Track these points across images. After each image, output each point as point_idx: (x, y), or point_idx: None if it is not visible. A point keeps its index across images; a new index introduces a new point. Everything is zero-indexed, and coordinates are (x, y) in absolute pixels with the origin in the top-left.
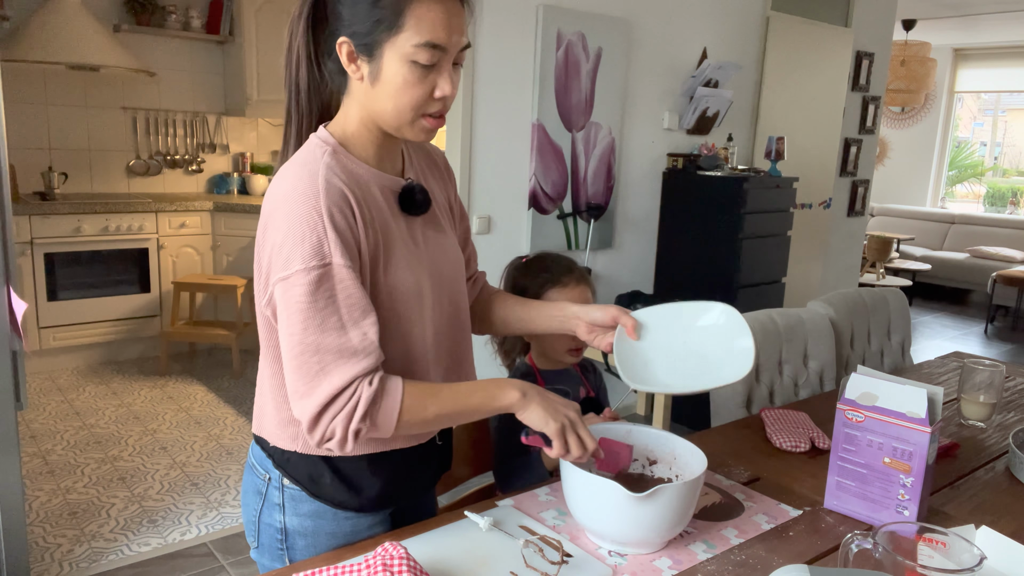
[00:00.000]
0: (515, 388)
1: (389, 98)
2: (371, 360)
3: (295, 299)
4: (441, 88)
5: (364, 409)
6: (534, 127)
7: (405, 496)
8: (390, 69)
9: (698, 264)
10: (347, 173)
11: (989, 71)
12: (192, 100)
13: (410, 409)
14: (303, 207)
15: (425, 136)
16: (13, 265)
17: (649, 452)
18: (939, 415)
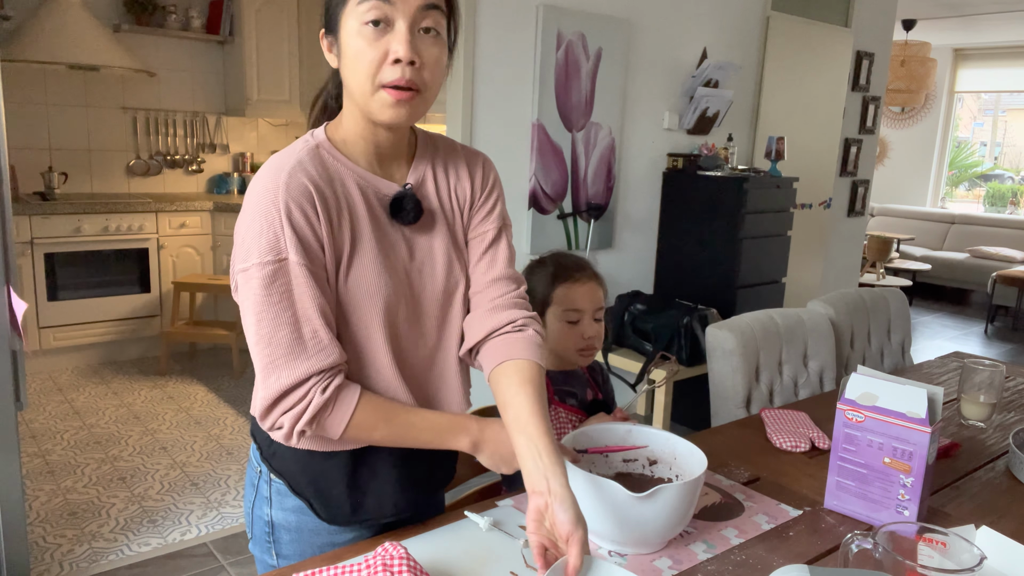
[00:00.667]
0: (468, 436)
1: (351, 72)
2: (321, 360)
3: (252, 292)
4: (393, 50)
5: (311, 415)
6: (534, 127)
7: (381, 512)
8: (346, 39)
9: (698, 264)
10: (324, 170)
11: (989, 71)
12: (192, 100)
13: (358, 426)
14: (263, 201)
15: (390, 115)
16: (13, 265)
17: (649, 452)
18: (939, 415)
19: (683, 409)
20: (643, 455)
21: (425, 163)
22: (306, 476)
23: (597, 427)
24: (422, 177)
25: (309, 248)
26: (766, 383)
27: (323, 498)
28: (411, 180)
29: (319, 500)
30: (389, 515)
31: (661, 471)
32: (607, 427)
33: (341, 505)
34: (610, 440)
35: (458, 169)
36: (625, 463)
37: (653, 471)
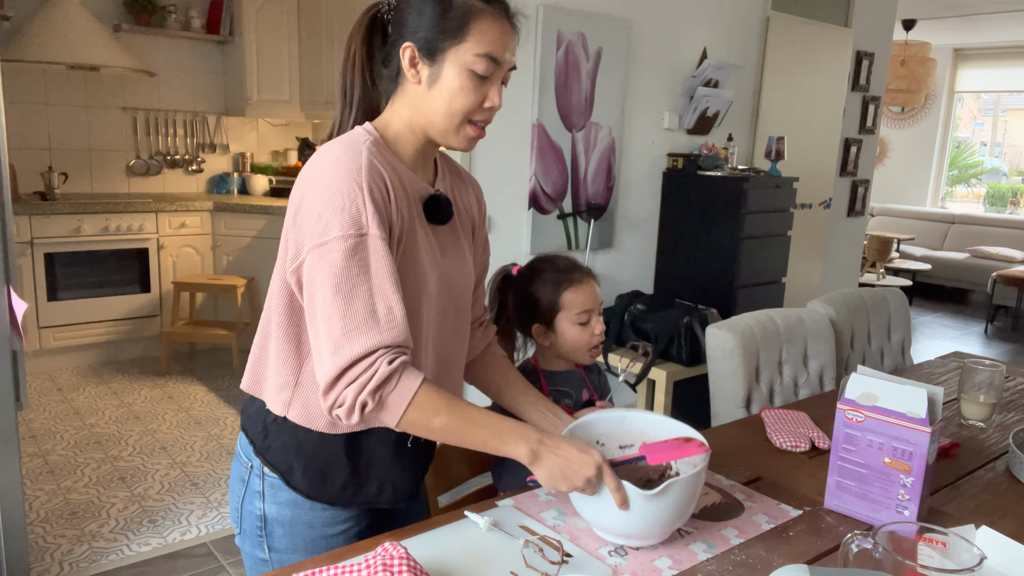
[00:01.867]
0: (527, 445)
1: (444, 101)
2: (393, 335)
3: (330, 264)
4: (491, 99)
5: (377, 383)
6: (534, 127)
7: (381, 498)
8: (449, 74)
9: (698, 264)
10: (386, 162)
11: (989, 71)
12: (192, 100)
13: (420, 406)
14: (345, 179)
15: (467, 144)
16: (13, 265)
17: (646, 437)
18: (939, 415)
19: (683, 409)
20: (639, 440)
21: (447, 178)
22: (305, 459)
23: (593, 416)
24: (446, 187)
25: (386, 225)
26: (766, 383)
27: (324, 479)
28: (440, 186)
29: (319, 481)
30: (387, 499)
31: None
32: (602, 416)
33: (345, 487)
34: (605, 428)
35: (464, 186)
36: (621, 449)
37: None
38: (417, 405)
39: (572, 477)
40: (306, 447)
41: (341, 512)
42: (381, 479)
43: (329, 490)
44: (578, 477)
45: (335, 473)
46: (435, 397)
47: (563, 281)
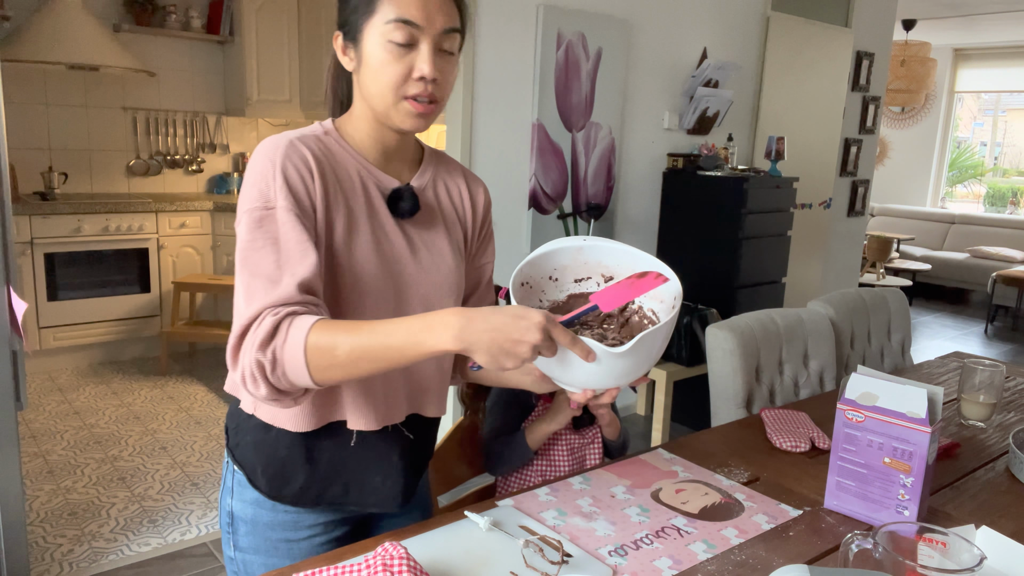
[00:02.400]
0: (450, 330)
1: (372, 81)
2: (280, 294)
3: (240, 238)
4: (419, 68)
5: (262, 339)
6: (534, 127)
7: (349, 499)
8: (370, 50)
9: (698, 264)
10: (327, 151)
11: (989, 71)
12: (192, 100)
13: (317, 346)
14: (262, 160)
15: (412, 123)
16: (13, 265)
17: (604, 269)
18: (939, 415)
19: (683, 409)
20: (596, 272)
21: (430, 171)
22: (265, 458)
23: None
24: (425, 184)
25: (300, 201)
26: (766, 383)
27: (285, 479)
28: (415, 183)
29: (280, 481)
30: (356, 501)
31: None
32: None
33: (306, 488)
34: (560, 261)
35: (459, 184)
36: (577, 283)
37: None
38: (314, 347)
39: (515, 349)
40: (268, 445)
41: (305, 516)
42: (346, 480)
43: (290, 490)
44: (521, 347)
45: (295, 473)
46: (330, 328)
47: None
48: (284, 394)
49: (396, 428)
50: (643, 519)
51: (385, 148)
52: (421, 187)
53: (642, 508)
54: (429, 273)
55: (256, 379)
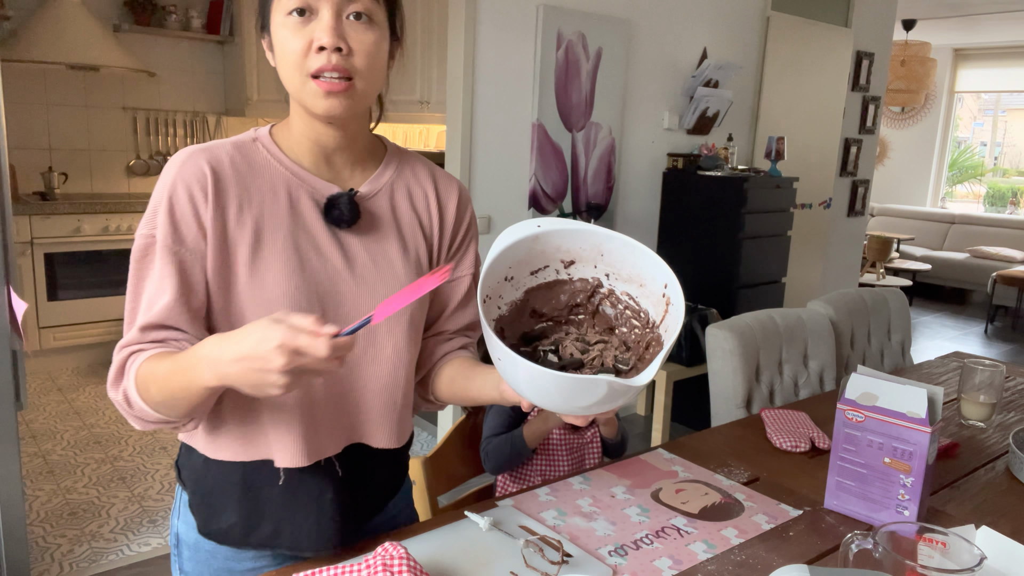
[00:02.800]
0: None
1: (281, 65)
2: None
3: (131, 257)
4: (317, 37)
5: (112, 377)
6: (534, 127)
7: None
8: (275, 34)
9: (698, 264)
10: (245, 162)
11: (989, 71)
12: (192, 100)
13: (142, 387)
14: (161, 178)
15: (324, 105)
16: (13, 265)
17: (564, 252)
18: (939, 415)
19: (683, 409)
20: (555, 259)
21: (389, 173)
22: (194, 484)
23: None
24: (379, 189)
25: (180, 231)
26: (766, 383)
27: (212, 512)
28: (363, 189)
29: (208, 514)
30: (288, 544)
31: (582, 271)
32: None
33: (233, 526)
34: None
35: (425, 187)
36: (533, 275)
37: (571, 273)
38: (140, 385)
39: (263, 380)
40: (197, 472)
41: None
42: (276, 521)
43: (216, 526)
44: (269, 377)
45: (222, 508)
46: (148, 371)
47: None
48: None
49: (329, 462)
50: (643, 519)
51: (323, 149)
52: (372, 192)
53: (642, 508)
54: (372, 288)
55: (125, 414)
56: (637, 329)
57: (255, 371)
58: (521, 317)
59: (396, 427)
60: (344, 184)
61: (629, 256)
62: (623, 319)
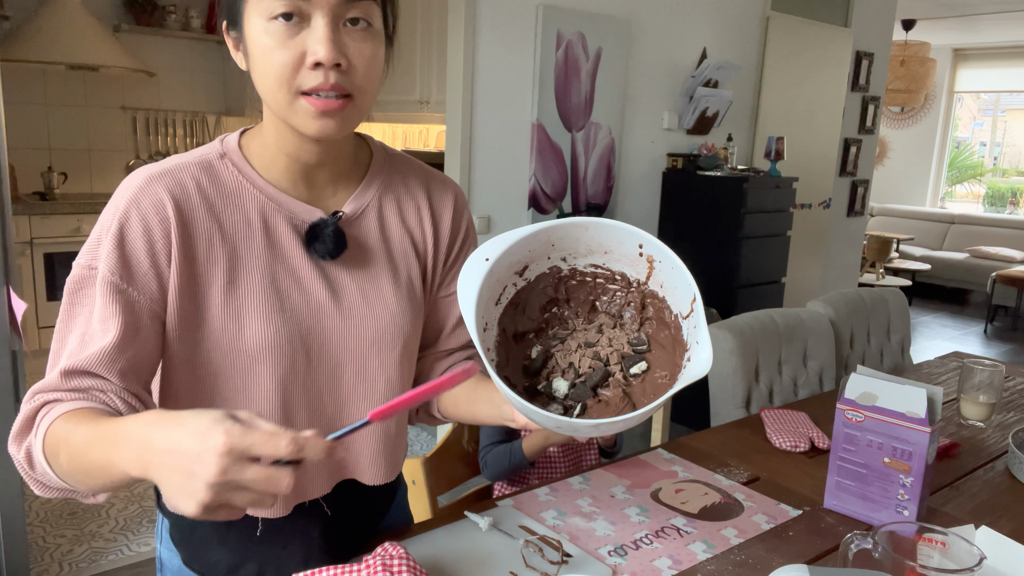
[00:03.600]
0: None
1: (260, 76)
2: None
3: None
4: (313, 51)
5: (16, 429)
6: (534, 127)
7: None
8: (252, 39)
9: (698, 264)
10: (215, 186)
11: (989, 71)
12: (192, 100)
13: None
14: (110, 205)
15: (316, 128)
16: (13, 265)
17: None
18: (939, 415)
19: (683, 409)
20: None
21: (374, 190)
22: (182, 524)
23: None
24: (364, 206)
25: (133, 269)
26: (766, 383)
27: (194, 547)
28: (347, 209)
29: (190, 548)
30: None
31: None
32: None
33: (216, 562)
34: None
35: (417, 199)
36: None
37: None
38: (49, 451)
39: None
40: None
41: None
42: (260, 561)
43: (199, 561)
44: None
45: (204, 543)
46: (63, 430)
47: None
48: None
49: (316, 503)
50: (643, 519)
51: (304, 166)
52: (357, 211)
53: (642, 508)
54: (360, 323)
55: (25, 475)
56: (619, 292)
57: (179, 471)
58: (509, 350)
59: (389, 461)
60: (326, 204)
61: (583, 233)
62: (599, 289)
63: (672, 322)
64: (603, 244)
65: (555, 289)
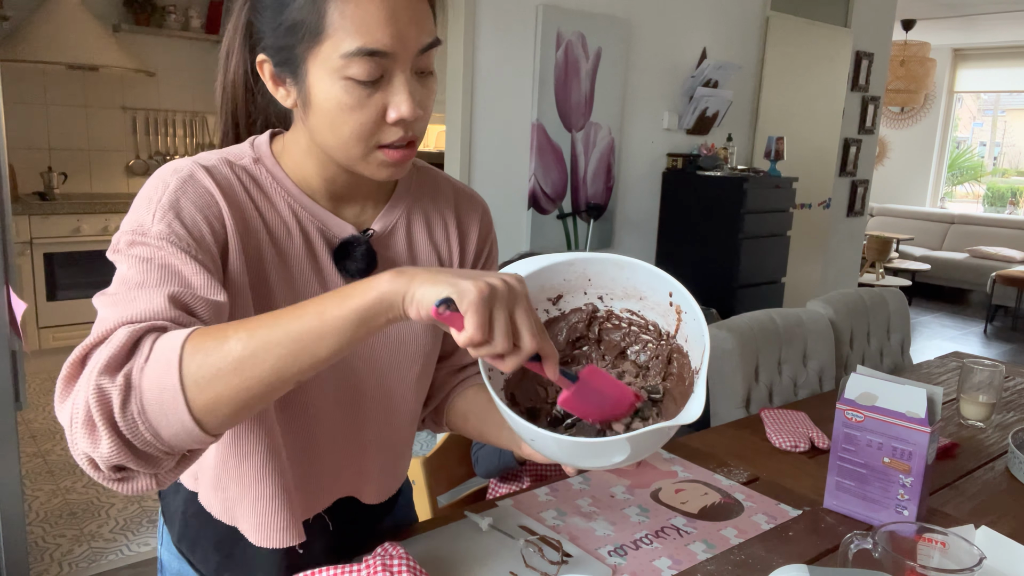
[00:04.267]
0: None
1: (327, 129)
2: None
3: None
4: (396, 107)
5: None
6: (534, 127)
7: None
8: (320, 91)
9: (698, 264)
10: (256, 185)
11: (988, 71)
12: (192, 100)
13: (200, 347)
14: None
15: (388, 173)
16: (13, 265)
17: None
18: (939, 415)
19: None
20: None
21: (404, 203)
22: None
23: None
24: (393, 223)
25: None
26: (765, 383)
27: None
28: (377, 226)
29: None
30: None
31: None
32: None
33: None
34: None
35: (445, 215)
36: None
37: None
38: (194, 350)
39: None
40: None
41: None
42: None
43: (203, 567)
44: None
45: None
46: (215, 328)
47: None
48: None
49: (319, 517)
50: (643, 519)
51: (341, 187)
52: (387, 227)
53: (641, 508)
54: (383, 341)
55: (93, 423)
56: (651, 343)
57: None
58: (526, 374)
59: (391, 479)
60: (356, 219)
61: (619, 273)
62: (632, 337)
63: (688, 377)
64: (638, 288)
65: (587, 327)
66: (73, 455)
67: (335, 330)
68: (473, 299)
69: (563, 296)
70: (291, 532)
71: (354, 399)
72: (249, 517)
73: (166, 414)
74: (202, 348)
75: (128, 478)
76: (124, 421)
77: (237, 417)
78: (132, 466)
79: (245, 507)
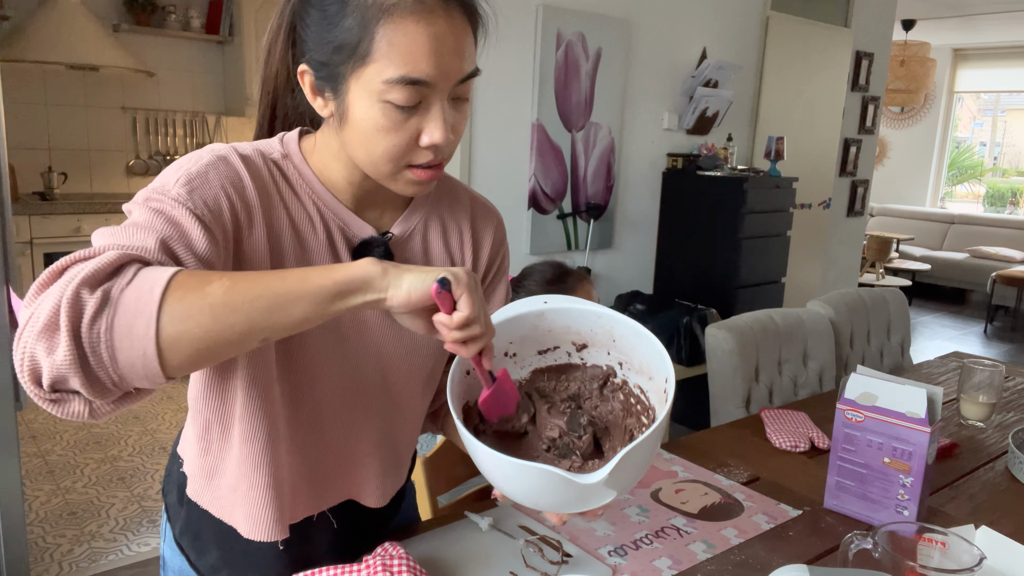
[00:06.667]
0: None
1: (360, 145)
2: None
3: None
4: (430, 134)
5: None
6: (534, 127)
7: None
8: (358, 110)
9: (698, 264)
10: (284, 179)
11: (988, 71)
12: (192, 100)
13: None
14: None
15: (414, 190)
16: (13, 265)
17: (574, 334)
18: (939, 415)
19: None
20: (566, 340)
21: (420, 214)
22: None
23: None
24: (412, 228)
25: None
26: (765, 383)
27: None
28: (395, 230)
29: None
30: None
31: (595, 357)
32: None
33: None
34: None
35: (461, 225)
36: (541, 355)
37: (584, 358)
38: (177, 284)
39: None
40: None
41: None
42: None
43: (203, 565)
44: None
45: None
46: (202, 271)
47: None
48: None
49: (323, 515)
50: (643, 519)
51: (364, 192)
52: (405, 232)
53: (642, 508)
54: (395, 344)
55: (56, 326)
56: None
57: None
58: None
59: (392, 482)
60: (377, 222)
61: (639, 345)
62: (632, 414)
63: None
64: (649, 366)
65: (600, 390)
66: (16, 364)
67: (312, 296)
68: (467, 283)
69: (588, 346)
70: (279, 527)
71: (361, 399)
72: (242, 506)
73: (132, 339)
74: (185, 285)
75: (63, 400)
76: (89, 334)
77: (196, 361)
78: (76, 385)
79: (239, 496)
